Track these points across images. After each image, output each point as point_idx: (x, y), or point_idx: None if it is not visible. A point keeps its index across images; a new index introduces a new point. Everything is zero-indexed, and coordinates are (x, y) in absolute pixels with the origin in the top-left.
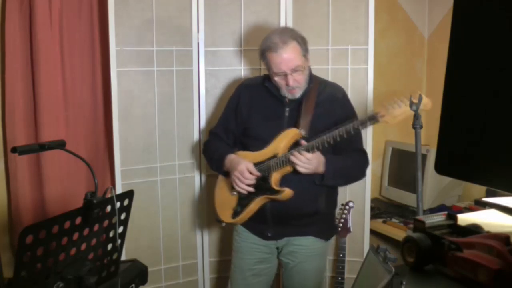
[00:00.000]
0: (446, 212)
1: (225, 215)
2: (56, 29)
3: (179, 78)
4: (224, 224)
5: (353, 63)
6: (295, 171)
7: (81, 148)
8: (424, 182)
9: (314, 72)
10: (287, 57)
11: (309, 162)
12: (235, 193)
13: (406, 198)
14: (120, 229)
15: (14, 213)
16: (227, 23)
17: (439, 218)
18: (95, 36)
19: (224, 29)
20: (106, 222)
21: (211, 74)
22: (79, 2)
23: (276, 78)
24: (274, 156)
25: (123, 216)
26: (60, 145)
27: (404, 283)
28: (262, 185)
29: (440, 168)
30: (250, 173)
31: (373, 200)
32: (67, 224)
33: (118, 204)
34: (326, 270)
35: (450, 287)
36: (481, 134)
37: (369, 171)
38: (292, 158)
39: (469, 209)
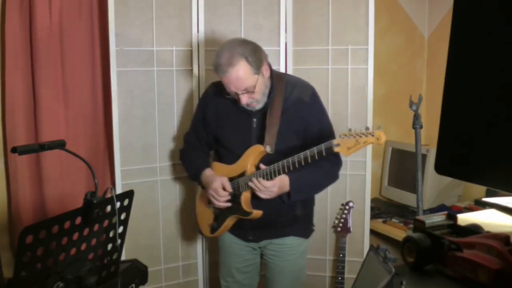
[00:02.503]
0: (446, 212)
1: (204, 229)
2: (56, 29)
3: (179, 78)
4: (204, 237)
5: (353, 63)
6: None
7: (81, 148)
8: (424, 182)
9: (314, 72)
10: (234, 79)
11: (268, 190)
12: (211, 207)
13: (406, 198)
14: (120, 229)
15: (14, 213)
16: (227, 23)
17: (439, 218)
18: (95, 36)
19: (224, 29)
20: (106, 222)
21: (211, 74)
22: (79, 2)
23: (231, 95)
24: (243, 174)
25: (123, 216)
26: (60, 145)
27: (404, 283)
28: (233, 203)
29: (440, 168)
30: (224, 189)
31: (373, 200)
32: (67, 224)
33: (118, 204)
34: (327, 271)
35: (450, 287)
36: (481, 134)
37: (369, 171)
38: (251, 185)
39: (469, 209)
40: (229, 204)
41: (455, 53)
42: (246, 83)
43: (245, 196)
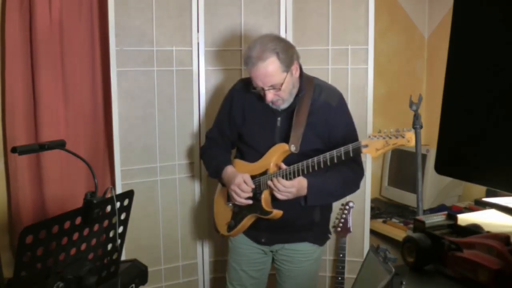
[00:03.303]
0: (446, 212)
1: (221, 227)
2: (56, 29)
3: (179, 78)
4: (221, 235)
5: (353, 63)
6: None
7: (81, 148)
8: (424, 182)
9: (314, 72)
10: (262, 73)
11: (287, 190)
12: (230, 204)
13: (406, 198)
14: (120, 229)
15: (14, 213)
16: (227, 23)
17: (439, 218)
18: (95, 36)
19: (224, 29)
20: (106, 222)
21: (211, 74)
22: (79, 2)
23: (257, 90)
24: (265, 172)
25: (123, 216)
26: (60, 145)
27: (404, 283)
28: (254, 203)
29: (440, 168)
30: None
31: (373, 200)
32: (67, 224)
33: (118, 204)
34: (327, 271)
35: (450, 287)
36: (481, 134)
37: (369, 171)
38: (270, 184)
39: (469, 209)
40: (250, 202)
41: (455, 53)
42: (274, 79)
43: (266, 195)
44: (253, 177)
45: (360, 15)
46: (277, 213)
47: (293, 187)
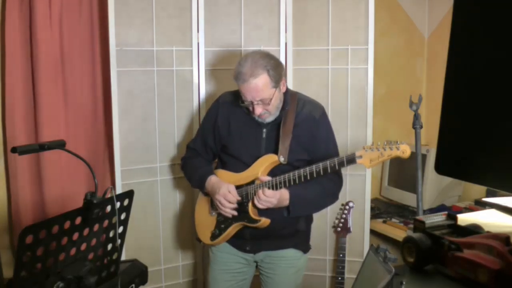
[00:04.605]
0: (446, 212)
1: (204, 236)
2: (56, 29)
3: (179, 78)
4: (202, 244)
5: (353, 63)
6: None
7: (81, 148)
8: (424, 182)
9: (314, 72)
10: (253, 89)
11: (267, 199)
12: (214, 214)
13: (406, 198)
14: (120, 229)
15: (14, 213)
16: (227, 23)
17: (439, 218)
18: (95, 36)
19: (224, 29)
20: (106, 222)
21: (211, 74)
22: (79, 2)
23: (245, 104)
24: (253, 182)
25: (123, 216)
26: (60, 145)
27: (404, 283)
28: (240, 211)
29: (440, 168)
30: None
31: (373, 200)
32: (67, 224)
33: (118, 204)
34: (327, 271)
35: (450, 287)
36: (481, 134)
37: (369, 171)
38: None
39: (469, 209)
40: (235, 213)
41: (455, 53)
42: (264, 94)
43: (253, 205)
44: (238, 187)
45: (360, 15)
46: (265, 221)
47: (274, 197)
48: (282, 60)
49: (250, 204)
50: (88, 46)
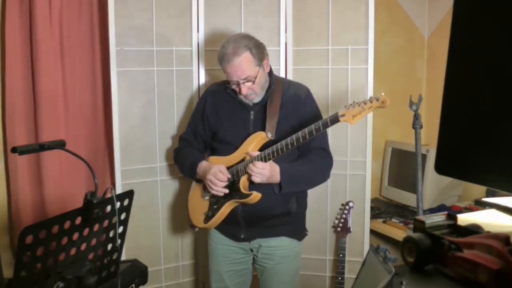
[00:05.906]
0: (446, 212)
1: (198, 220)
2: (56, 29)
3: (179, 78)
4: (197, 229)
5: (353, 63)
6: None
7: (81, 148)
8: (424, 182)
9: (314, 72)
10: (237, 68)
11: (259, 170)
12: (207, 197)
13: (406, 198)
14: (120, 229)
15: (14, 213)
16: (227, 23)
17: (439, 218)
18: (95, 36)
19: (224, 29)
20: (106, 222)
21: (211, 74)
22: (79, 2)
23: (232, 86)
24: (244, 159)
25: (123, 216)
26: (60, 145)
27: (404, 283)
28: (231, 189)
29: (440, 168)
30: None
31: (373, 200)
32: (67, 224)
33: (118, 204)
34: (327, 271)
35: (450, 287)
36: (481, 134)
37: (369, 171)
38: (249, 167)
39: (469, 209)
40: (226, 190)
41: (455, 53)
42: (248, 72)
43: (243, 180)
44: (230, 167)
45: (360, 15)
46: (256, 195)
47: (265, 168)
48: (282, 60)
49: (241, 180)
50: (88, 46)
